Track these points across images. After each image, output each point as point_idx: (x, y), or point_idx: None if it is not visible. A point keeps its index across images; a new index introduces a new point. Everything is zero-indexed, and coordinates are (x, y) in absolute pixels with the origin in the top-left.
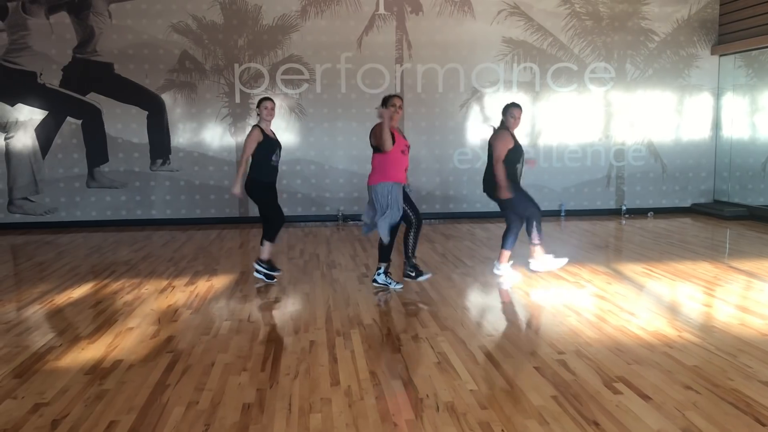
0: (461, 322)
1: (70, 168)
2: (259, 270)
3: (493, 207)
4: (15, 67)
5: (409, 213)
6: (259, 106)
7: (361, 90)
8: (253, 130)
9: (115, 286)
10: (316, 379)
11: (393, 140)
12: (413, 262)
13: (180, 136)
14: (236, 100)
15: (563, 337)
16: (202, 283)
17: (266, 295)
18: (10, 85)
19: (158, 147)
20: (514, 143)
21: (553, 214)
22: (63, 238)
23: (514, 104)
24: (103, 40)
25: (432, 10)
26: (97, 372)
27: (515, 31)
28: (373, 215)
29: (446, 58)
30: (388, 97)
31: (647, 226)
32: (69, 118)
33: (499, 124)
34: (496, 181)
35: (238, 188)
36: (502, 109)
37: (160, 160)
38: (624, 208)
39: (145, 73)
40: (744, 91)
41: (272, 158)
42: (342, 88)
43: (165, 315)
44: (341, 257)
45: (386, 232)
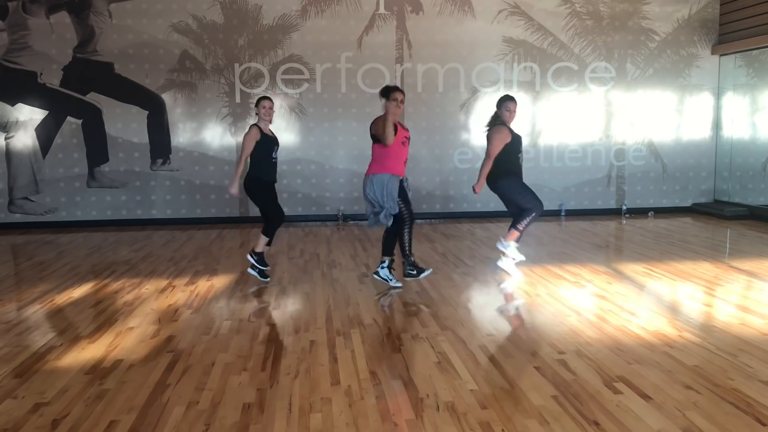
0: (461, 322)
1: (71, 168)
2: (253, 265)
3: (494, 207)
4: (15, 67)
5: (402, 209)
6: (258, 106)
7: (361, 90)
8: (251, 130)
9: (116, 285)
10: (317, 378)
11: (395, 132)
12: (412, 260)
13: (180, 136)
14: (236, 99)
15: (564, 337)
16: (202, 283)
17: (266, 295)
18: (11, 84)
19: (158, 147)
20: (511, 136)
21: (554, 214)
22: (63, 238)
23: (509, 97)
24: (104, 40)
25: (432, 10)
26: (98, 372)
27: (515, 31)
28: (372, 209)
29: (446, 57)
30: (389, 89)
31: (647, 226)
32: (69, 118)
33: (492, 117)
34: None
35: (236, 188)
36: (497, 103)
37: (161, 160)
38: (624, 208)
39: (146, 73)
40: (744, 90)
41: (272, 155)
42: (342, 88)
43: (165, 315)
44: (341, 257)
45: (388, 221)
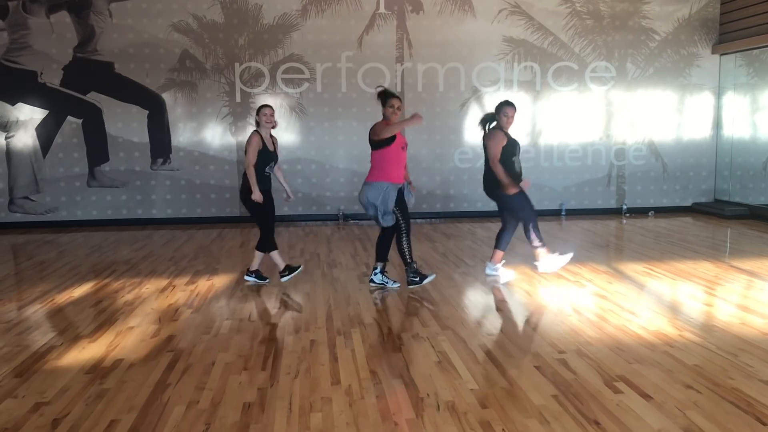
0: (462, 322)
1: (71, 167)
2: (249, 280)
3: (494, 206)
4: (15, 66)
5: (399, 219)
6: (259, 113)
7: (361, 89)
8: (253, 137)
9: (116, 285)
10: (317, 378)
11: (395, 138)
12: (414, 267)
13: (180, 136)
14: (237, 99)
15: (564, 337)
16: (202, 283)
17: (267, 295)
18: (11, 84)
19: (159, 146)
20: (507, 140)
21: (554, 214)
22: (64, 238)
23: (508, 103)
24: (104, 40)
25: (432, 9)
26: (98, 371)
27: (516, 30)
28: (374, 212)
29: (447, 57)
30: (386, 95)
31: (648, 226)
32: (69, 118)
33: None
34: (498, 180)
35: (258, 194)
36: (496, 108)
37: (161, 160)
38: (625, 208)
39: (146, 73)
40: (745, 90)
41: (266, 169)
42: (342, 88)
43: (166, 314)
44: (342, 256)
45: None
